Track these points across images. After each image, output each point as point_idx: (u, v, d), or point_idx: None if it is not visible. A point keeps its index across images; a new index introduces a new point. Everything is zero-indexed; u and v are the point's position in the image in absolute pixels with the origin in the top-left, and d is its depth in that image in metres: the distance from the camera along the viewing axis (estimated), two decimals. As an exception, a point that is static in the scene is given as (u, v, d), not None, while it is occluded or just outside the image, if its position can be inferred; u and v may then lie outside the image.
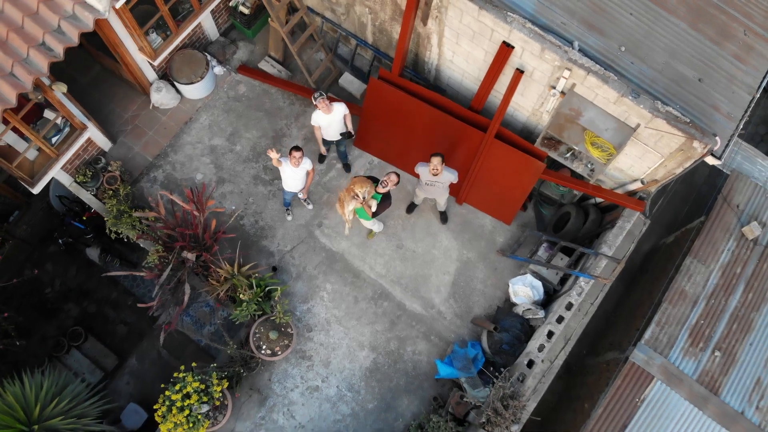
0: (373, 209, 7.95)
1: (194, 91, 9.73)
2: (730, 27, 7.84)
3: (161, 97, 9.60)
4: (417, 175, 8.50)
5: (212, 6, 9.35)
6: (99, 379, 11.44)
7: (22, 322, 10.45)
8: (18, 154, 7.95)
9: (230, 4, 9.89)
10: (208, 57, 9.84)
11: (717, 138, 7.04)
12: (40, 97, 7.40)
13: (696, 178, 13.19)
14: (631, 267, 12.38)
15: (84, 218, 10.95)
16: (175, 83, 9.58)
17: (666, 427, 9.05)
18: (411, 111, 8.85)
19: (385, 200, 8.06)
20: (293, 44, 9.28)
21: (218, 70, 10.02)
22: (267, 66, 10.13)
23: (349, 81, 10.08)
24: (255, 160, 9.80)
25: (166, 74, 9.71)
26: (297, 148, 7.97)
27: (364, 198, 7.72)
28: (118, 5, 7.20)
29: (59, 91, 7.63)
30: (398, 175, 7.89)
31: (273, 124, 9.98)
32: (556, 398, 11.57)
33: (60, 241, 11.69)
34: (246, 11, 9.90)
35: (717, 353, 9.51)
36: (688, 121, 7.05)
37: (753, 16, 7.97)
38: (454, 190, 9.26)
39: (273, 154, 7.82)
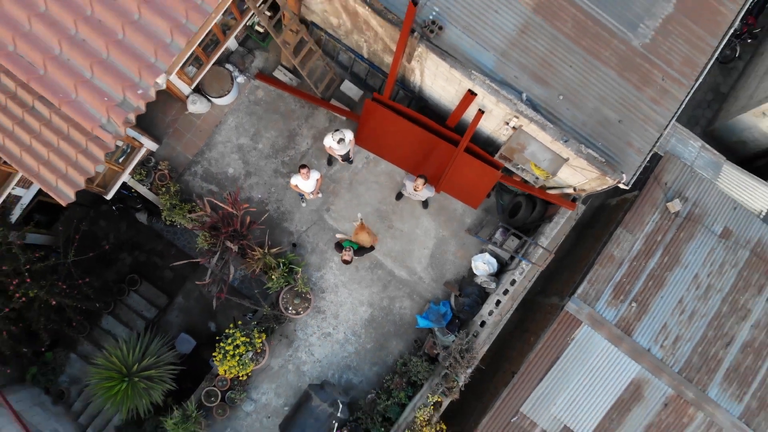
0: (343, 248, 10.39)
1: (222, 100, 11.89)
2: (651, 74, 9.93)
3: (196, 107, 11.78)
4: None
5: (235, 33, 11.25)
6: (154, 315, 14.66)
7: (92, 278, 13.37)
8: (95, 175, 10.39)
9: (247, 23, 11.73)
10: (231, 69, 11.86)
11: (623, 174, 9.48)
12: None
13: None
14: (582, 220, 15.04)
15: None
16: (207, 96, 11.73)
17: (587, 359, 12.24)
18: (399, 126, 11.11)
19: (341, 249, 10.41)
20: (303, 69, 11.31)
21: (240, 79, 12.07)
22: (280, 74, 12.17)
23: (348, 88, 12.16)
24: (274, 156, 12.20)
25: (197, 88, 11.81)
26: (303, 166, 10.38)
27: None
28: (172, 76, 9.28)
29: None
30: (351, 260, 10.23)
31: (287, 124, 12.23)
32: (512, 327, 14.83)
33: (113, 207, 14.34)
34: (261, 30, 11.77)
35: (633, 304, 12.47)
36: (603, 161, 9.44)
37: (672, 62, 10.02)
38: (434, 181, 11.75)
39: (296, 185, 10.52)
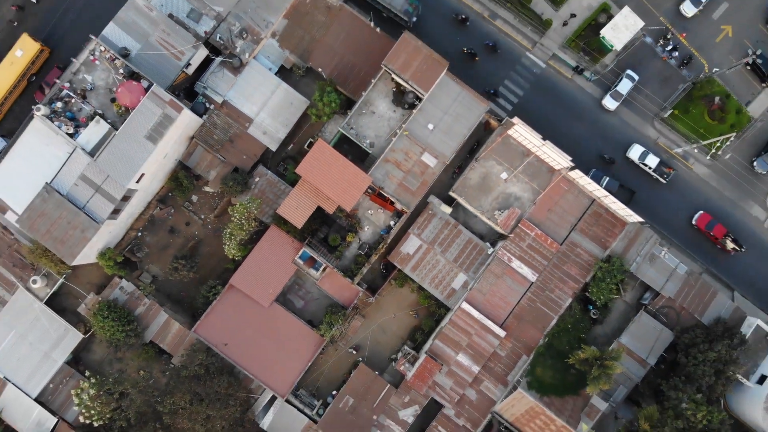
0: None
1: (347, 192, 67.81)
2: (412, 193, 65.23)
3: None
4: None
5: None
6: (327, 231, 71.11)
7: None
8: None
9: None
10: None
11: (408, 209, 64.80)
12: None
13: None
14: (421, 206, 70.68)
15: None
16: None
17: (413, 243, 68.99)
18: (378, 199, 66.73)
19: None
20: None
21: (350, 188, 67.76)
22: (357, 187, 67.93)
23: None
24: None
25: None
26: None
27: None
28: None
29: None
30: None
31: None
32: (403, 233, 70.84)
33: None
34: (354, 180, 67.70)
35: (419, 231, 69.13)
36: (407, 211, 64.88)
37: (407, 191, 65.43)
38: (387, 208, 67.16)
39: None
